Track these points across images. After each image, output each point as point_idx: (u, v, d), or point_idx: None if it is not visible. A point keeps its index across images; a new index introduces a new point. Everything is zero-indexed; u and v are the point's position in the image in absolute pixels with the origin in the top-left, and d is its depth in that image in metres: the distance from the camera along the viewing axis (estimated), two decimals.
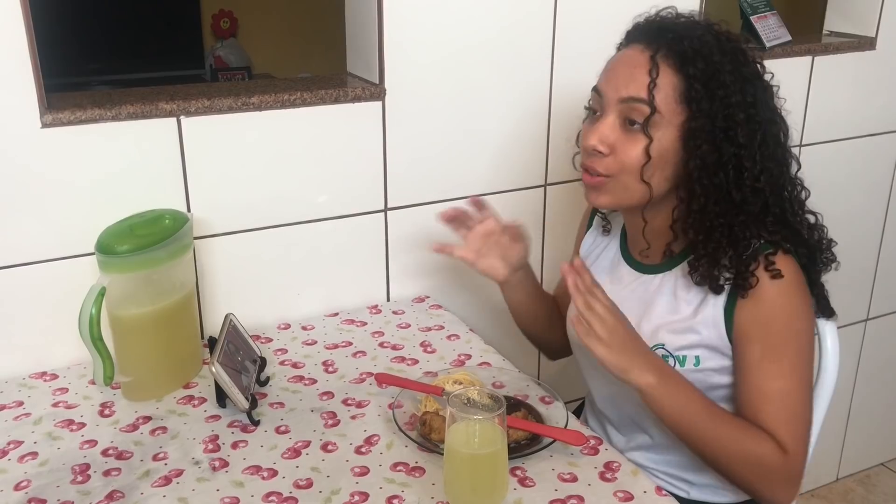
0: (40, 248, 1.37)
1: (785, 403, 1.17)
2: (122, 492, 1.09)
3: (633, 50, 1.19)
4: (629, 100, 1.16)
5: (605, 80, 1.21)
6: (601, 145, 1.19)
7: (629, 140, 1.17)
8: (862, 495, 2.56)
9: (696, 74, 1.14)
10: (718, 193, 1.17)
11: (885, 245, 2.34)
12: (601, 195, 1.23)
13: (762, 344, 1.17)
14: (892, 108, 2.20)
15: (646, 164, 1.17)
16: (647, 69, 1.15)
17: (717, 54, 1.15)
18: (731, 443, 1.16)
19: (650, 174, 1.18)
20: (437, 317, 1.61)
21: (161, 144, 1.41)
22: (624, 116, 1.17)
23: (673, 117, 1.16)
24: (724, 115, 1.15)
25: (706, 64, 1.14)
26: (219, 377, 1.20)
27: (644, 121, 1.15)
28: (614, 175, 1.19)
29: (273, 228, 1.54)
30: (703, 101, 1.14)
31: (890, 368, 2.54)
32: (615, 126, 1.18)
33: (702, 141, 1.15)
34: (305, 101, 1.49)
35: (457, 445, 0.99)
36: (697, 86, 1.14)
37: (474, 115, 1.65)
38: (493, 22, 1.61)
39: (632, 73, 1.16)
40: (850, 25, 2.13)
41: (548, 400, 1.29)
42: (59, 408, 1.29)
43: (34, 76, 1.29)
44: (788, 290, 1.17)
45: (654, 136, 1.16)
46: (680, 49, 1.15)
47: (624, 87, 1.17)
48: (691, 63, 1.14)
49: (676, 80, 1.15)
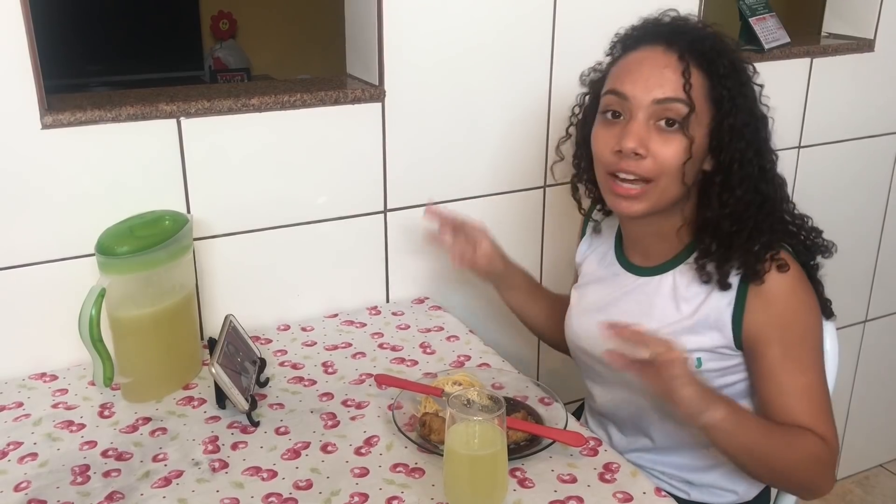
0: (40, 250, 1.37)
1: (811, 397, 1.19)
2: (121, 493, 1.09)
3: (654, 52, 1.18)
4: (665, 100, 1.16)
5: (629, 83, 1.18)
6: (641, 147, 1.16)
7: (664, 141, 1.17)
8: (860, 497, 2.56)
9: (723, 73, 1.16)
10: (749, 188, 1.19)
11: (884, 246, 2.35)
12: (637, 203, 1.20)
13: (781, 344, 1.19)
14: (890, 110, 2.20)
15: (686, 162, 1.17)
16: (678, 69, 1.16)
17: (731, 55, 1.18)
18: (788, 451, 1.16)
19: (690, 174, 1.18)
20: (436, 318, 1.61)
21: (161, 146, 1.41)
22: (657, 117, 1.17)
23: (703, 116, 1.17)
24: (748, 111, 1.18)
25: (730, 62, 1.17)
26: (219, 378, 1.20)
27: (683, 119, 1.16)
28: (654, 178, 1.18)
29: (273, 230, 1.54)
30: (734, 99, 1.17)
31: (888, 370, 2.54)
32: (647, 128, 1.17)
33: (733, 137, 1.17)
34: (305, 102, 1.49)
35: (457, 446, 0.99)
36: (726, 83, 1.16)
37: (474, 116, 1.65)
38: (492, 24, 1.61)
39: (662, 73, 1.16)
40: (849, 27, 2.14)
41: (547, 401, 1.29)
42: (58, 409, 1.29)
43: (34, 77, 1.29)
44: (795, 287, 1.18)
45: (692, 136, 1.17)
46: (703, 49, 1.17)
47: (658, 88, 1.16)
48: (716, 62, 1.16)
49: (703, 79, 1.17)
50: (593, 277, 1.39)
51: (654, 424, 1.31)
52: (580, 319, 1.38)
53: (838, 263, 1.31)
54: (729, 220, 1.19)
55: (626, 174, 1.18)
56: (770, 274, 1.18)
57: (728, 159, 1.18)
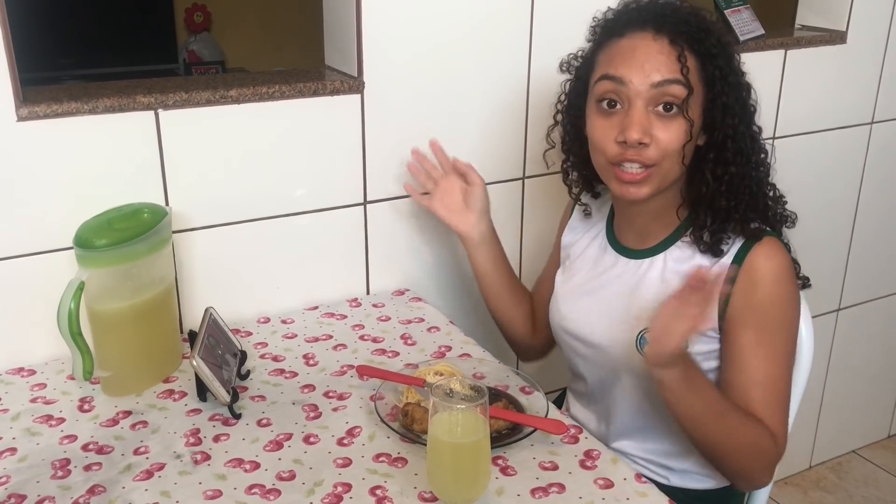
0: (17, 243, 1.36)
1: (773, 389, 1.20)
2: (103, 486, 1.09)
3: (644, 38, 1.19)
4: (664, 83, 1.17)
5: (625, 68, 1.18)
6: (646, 136, 1.17)
7: (663, 125, 1.18)
8: (834, 482, 2.60)
9: (713, 52, 1.18)
10: (745, 160, 1.22)
11: (857, 236, 2.38)
12: (643, 187, 1.21)
13: (755, 330, 1.20)
14: (862, 101, 2.23)
15: (686, 143, 1.19)
16: (673, 52, 1.17)
17: (715, 33, 1.20)
18: (736, 435, 1.18)
19: (689, 154, 1.21)
20: (417, 309, 1.62)
21: (139, 138, 1.40)
22: (655, 102, 1.18)
23: (698, 96, 1.19)
24: (737, 85, 1.20)
25: (716, 41, 1.19)
26: (200, 371, 1.20)
27: (682, 102, 1.17)
28: (658, 163, 1.19)
29: (252, 222, 1.53)
30: (726, 77, 1.19)
31: (861, 358, 2.58)
32: (648, 114, 1.18)
33: (726, 114, 1.19)
34: (284, 94, 1.48)
35: (440, 435, 0.99)
36: (717, 62, 1.18)
37: (453, 108, 1.66)
38: (471, 14, 1.61)
39: (657, 57, 1.17)
40: (822, 20, 2.16)
41: (528, 390, 1.30)
42: (37, 403, 1.28)
43: (9, 69, 1.28)
44: (782, 278, 1.20)
45: (691, 117, 1.19)
46: (689, 30, 1.18)
47: (656, 72, 1.17)
48: (704, 43, 1.18)
49: (695, 60, 1.18)
50: (582, 260, 1.41)
51: (633, 408, 1.32)
52: (567, 301, 1.39)
53: (812, 253, 1.33)
54: (725, 196, 1.22)
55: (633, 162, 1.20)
56: (760, 258, 1.20)
57: (721, 136, 1.20)
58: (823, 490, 2.57)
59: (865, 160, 2.31)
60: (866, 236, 2.40)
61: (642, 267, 1.30)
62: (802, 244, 1.33)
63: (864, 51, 2.17)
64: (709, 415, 1.16)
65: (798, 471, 2.63)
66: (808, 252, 1.34)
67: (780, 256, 1.21)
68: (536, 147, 1.76)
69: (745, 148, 1.22)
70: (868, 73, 2.21)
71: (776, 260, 1.20)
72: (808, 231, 1.32)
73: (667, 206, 1.28)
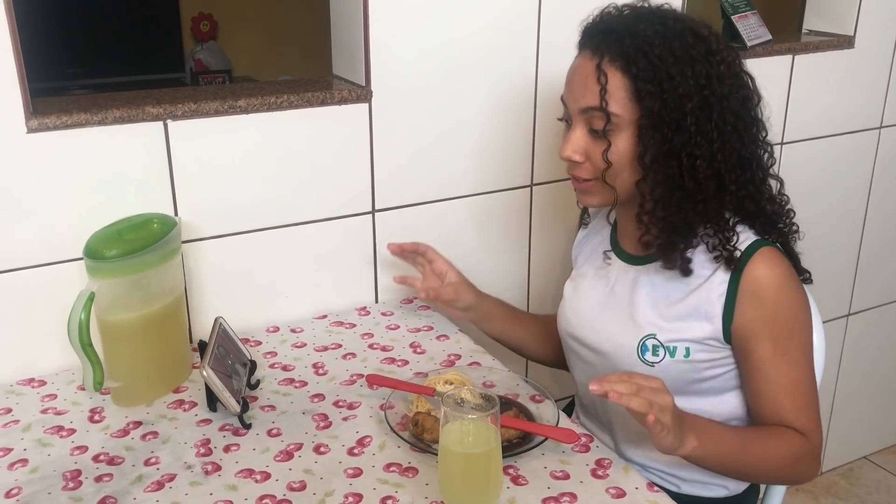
0: (28, 254, 1.36)
1: (799, 392, 1.22)
2: (114, 497, 1.09)
3: (584, 58, 1.21)
4: (587, 110, 1.19)
5: (566, 92, 1.25)
6: (575, 155, 1.23)
7: (598, 145, 1.21)
8: (845, 488, 2.59)
9: (640, 73, 1.15)
10: (672, 184, 1.19)
11: (866, 241, 2.37)
12: (590, 197, 1.28)
13: (771, 340, 1.20)
14: (870, 106, 2.23)
15: (607, 168, 1.20)
16: (596, 77, 1.17)
17: (660, 46, 1.15)
18: (767, 457, 1.20)
19: (614, 177, 1.21)
20: (425, 318, 1.61)
21: (148, 148, 1.40)
22: (587, 124, 1.21)
23: (630, 116, 1.17)
24: (672, 106, 1.15)
25: (648, 60, 1.15)
26: (210, 381, 1.20)
27: (603, 127, 1.18)
28: (596, 178, 1.23)
29: (261, 231, 1.53)
30: (649, 98, 1.15)
31: (872, 363, 2.57)
32: (584, 133, 1.22)
33: (651, 136, 1.17)
34: (292, 103, 1.49)
35: (451, 445, 0.99)
36: (642, 84, 1.15)
37: (461, 116, 1.66)
38: (477, 22, 1.61)
39: (585, 83, 1.19)
40: (829, 24, 2.16)
41: (538, 398, 1.30)
42: (48, 414, 1.28)
43: (19, 81, 1.28)
44: (786, 284, 1.20)
45: (616, 140, 1.19)
46: (622, 49, 1.16)
47: (581, 98, 1.20)
48: (634, 62, 1.15)
49: (625, 80, 1.16)
50: (587, 267, 1.41)
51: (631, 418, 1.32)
52: (573, 307, 1.39)
53: (822, 258, 1.33)
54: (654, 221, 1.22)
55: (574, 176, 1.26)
56: (760, 269, 1.19)
57: (650, 160, 1.18)
58: (835, 496, 2.56)
59: (874, 165, 2.30)
60: (876, 241, 2.39)
61: (644, 273, 1.30)
62: (811, 249, 1.32)
63: (873, 55, 2.16)
64: (737, 454, 1.19)
65: None
66: (818, 257, 1.33)
67: (781, 265, 1.21)
68: (545, 154, 1.76)
69: (674, 173, 1.17)
70: (876, 78, 2.21)
71: (776, 269, 1.20)
72: (817, 236, 1.32)
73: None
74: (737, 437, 1.19)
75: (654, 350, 1.25)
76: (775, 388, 1.22)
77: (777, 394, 1.21)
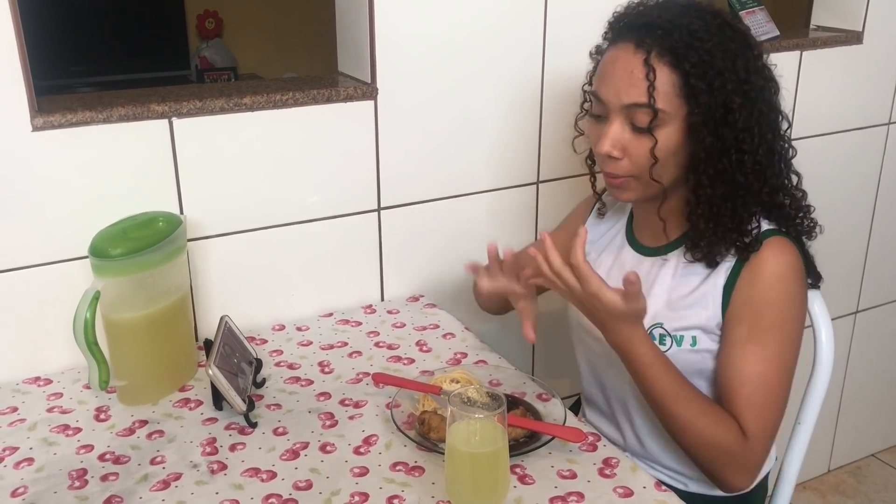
0: (33, 253, 1.36)
1: (760, 389, 1.18)
2: (120, 496, 1.09)
3: (625, 51, 1.17)
4: (632, 106, 1.16)
5: (604, 86, 1.19)
6: (615, 150, 1.19)
7: (639, 141, 1.18)
8: (853, 486, 2.58)
9: (692, 70, 1.14)
10: (723, 179, 1.18)
11: (874, 238, 2.36)
12: (625, 192, 1.24)
13: (750, 325, 1.18)
14: (879, 102, 2.21)
15: (654, 164, 1.18)
16: (644, 70, 1.14)
17: (708, 40, 1.14)
18: (695, 422, 1.16)
19: (660, 173, 1.19)
20: (431, 316, 1.61)
21: (153, 146, 1.40)
22: (629, 119, 1.18)
23: (676, 112, 1.16)
24: (722, 102, 1.15)
25: (699, 56, 1.14)
26: (216, 380, 1.19)
27: (649, 124, 1.16)
28: (634, 175, 1.20)
29: (266, 229, 1.53)
30: (701, 95, 1.14)
31: (879, 360, 2.56)
32: (624, 129, 1.18)
33: (704, 133, 1.16)
34: (297, 101, 1.48)
35: (458, 444, 0.99)
36: (694, 81, 1.14)
37: (466, 113, 1.65)
38: (483, 19, 1.61)
39: (630, 78, 1.16)
40: (837, 20, 2.14)
41: (545, 397, 1.29)
42: (54, 413, 1.28)
43: (24, 79, 1.28)
44: (785, 276, 1.19)
45: (661, 137, 1.16)
46: (671, 44, 1.14)
47: (625, 94, 1.16)
48: (685, 58, 1.14)
49: (674, 76, 1.15)
50: (602, 257, 1.40)
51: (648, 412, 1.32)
52: None
53: (829, 255, 1.31)
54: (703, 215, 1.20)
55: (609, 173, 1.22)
56: (765, 255, 1.18)
57: (703, 154, 1.17)
58: (842, 494, 2.55)
59: (883, 161, 2.28)
60: (884, 238, 2.38)
61: (657, 264, 1.30)
62: (819, 246, 1.31)
63: (881, 51, 2.15)
64: (672, 396, 1.16)
65: (817, 475, 2.61)
66: (826, 254, 1.32)
67: (787, 255, 1.19)
68: (551, 151, 1.75)
69: (726, 168, 1.17)
70: (885, 74, 2.19)
71: (782, 258, 1.19)
72: (825, 233, 1.30)
73: (680, 206, 1.27)
74: (683, 385, 1.17)
75: (661, 339, 1.25)
76: (733, 374, 1.18)
77: (735, 382, 1.18)
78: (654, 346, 1.18)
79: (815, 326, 1.38)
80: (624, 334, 1.16)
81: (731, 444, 1.16)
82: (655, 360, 1.17)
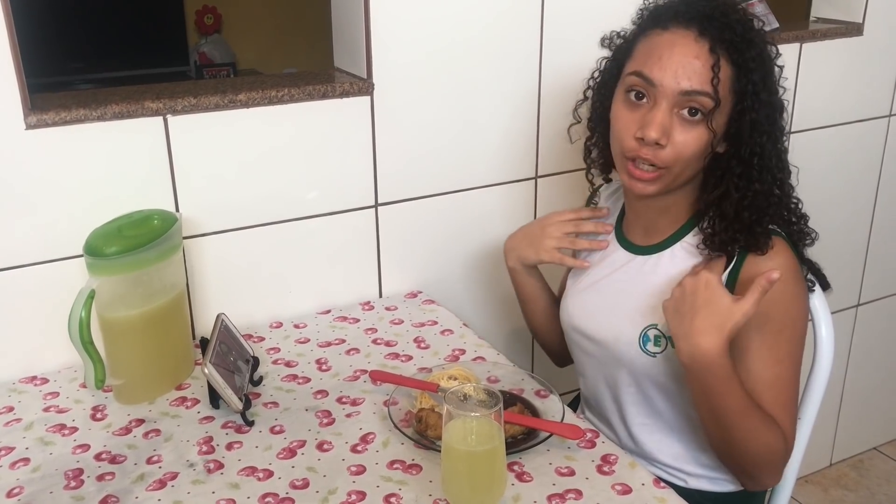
0: (27, 251, 1.35)
1: (781, 389, 1.18)
2: (116, 496, 1.08)
3: (686, 38, 1.15)
4: (693, 93, 1.14)
5: (658, 69, 1.16)
6: (664, 137, 1.16)
7: (685, 129, 1.16)
8: (855, 479, 2.57)
9: (750, 66, 1.14)
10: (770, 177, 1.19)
11: (875, 230, 2.35)
12: (652, 185, 1.20)
13: (761, 331, 1.18)
14: (879, 94, 2.20)
15: (704, 150, 1.17)
16: (709, 61, 1.14)
17: (759, 43, 1.16)
18: (754, 436, 1.16)
19: (693, 166, 1.19)
20: (429, 312, 1.60)
21: (148, 144, 1.39)
22: (681, 107, 1.16)
23: (725, 106, 1.16)
24: (768, 103, 1.16)
25: (757, 53, 1.15)
26: (212, 378, 1.19)
27: (708, 112, 1.15)
28: (671, 166, 1.18)
29: (263, 226, 1.52)
30: (759, 94, 1.15)
31: (881, 353, 2.55)
32: (671, 115, 1.16)
33: (754, 131, 1.17)
34: (293, 97, 1.47)
35: (454, 443, 0.98)
36: (752, 76, 1.14)
37: (463, 108, 1.64)
38: (480, 15, 1.60)
39: (692, 64, 1.14)
40: (838, 11, 2.13)
41: (543, 394, 1.28)
42: (50, 412, 1.28)
43: (17, 77, 1.27)
44: (786, 277, 1.18)
45: (714, 128, 1.16)
46: (732, 39, 1.14)
47: (686, 80, 1.14)
48: (745, 54, 1.14)
49: (731, 70, 1.15)
50: (592, 257, 1.39)
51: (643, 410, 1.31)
52: (576, 298, 1.38)
53: (830, 248, 1.31)
54: (748, 210, 1.19)
55: (645, 160, 1.18)
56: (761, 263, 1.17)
57: (748, 153, 1.17)
58: (844, 488, 2.54)
59: (883, 154, 2.27)
60: (885, 231, 2.37)
61: (648, 263, 1.29)
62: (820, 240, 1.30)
63: (882, 43, 2.13)
64: (737, 412, 1.14)
65: (819, 468, 2.60)
66: (827, 248, 1.31)
67: (784, 256, 1.19)
68: (549, 146, 1.74)
69: (770, 165, 1.19)
70: (886, 66, 2.18)
71: (778, 260, 1.18)
72: (825, 226, 1.30)
73: (677, 202, 1.26)
74: (744, 397, 1.15)
75: (656, 340, 1.24)
76: (757, 380, 1.18)
77: (758, 387, 1.17)
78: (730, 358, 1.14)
79: (816, 322, 1.37)
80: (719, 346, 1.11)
81: (780, 447, 1.17)
82: (734, 373, 1.13)
